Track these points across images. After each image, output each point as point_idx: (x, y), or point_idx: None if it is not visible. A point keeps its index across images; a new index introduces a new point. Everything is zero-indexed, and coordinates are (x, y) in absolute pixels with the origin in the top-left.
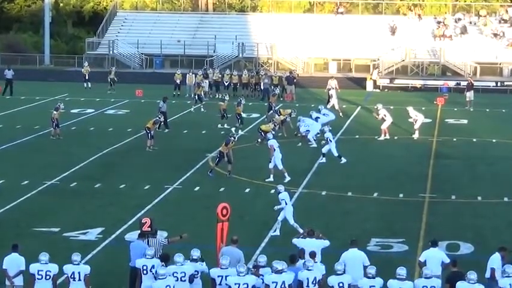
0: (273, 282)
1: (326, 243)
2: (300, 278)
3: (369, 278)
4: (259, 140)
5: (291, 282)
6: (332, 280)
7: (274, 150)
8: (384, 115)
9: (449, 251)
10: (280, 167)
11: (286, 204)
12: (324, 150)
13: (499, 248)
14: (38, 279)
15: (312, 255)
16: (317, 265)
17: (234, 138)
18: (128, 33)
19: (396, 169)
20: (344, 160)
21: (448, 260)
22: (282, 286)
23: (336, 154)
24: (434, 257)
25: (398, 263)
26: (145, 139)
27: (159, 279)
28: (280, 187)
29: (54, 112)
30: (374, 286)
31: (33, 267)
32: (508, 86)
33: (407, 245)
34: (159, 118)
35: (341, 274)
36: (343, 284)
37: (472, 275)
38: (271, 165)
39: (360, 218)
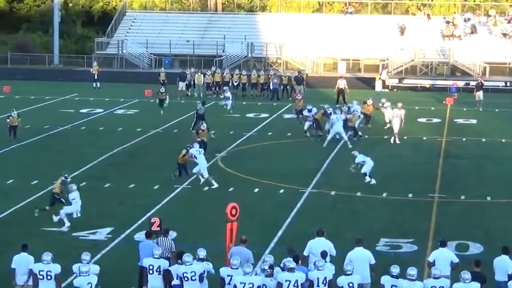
0: (286, 281)
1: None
2: (310, 277)
3: (392, 277)
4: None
5: (303, 281)
6: (342, 280)
7: (196, 158)
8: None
9: (459, 251)
10: (206, 175)
11: None
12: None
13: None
14: (40, 279)
15: (324, 254)
16: (327, 265)
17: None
18: (138, 33)
19: (405, 169)
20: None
21: (456, 260)
22: (295, 285)
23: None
24: (443, 257)
25: (407, 263)
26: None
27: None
28: None
29: (8, 120)
30: (396, 286)
31: (36, 267)
32: None
33: (416, 245)
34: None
35: (351, 274)
36: (353, 284)
37: (466, 274)
38: (195, 170)
39: (369, 218)
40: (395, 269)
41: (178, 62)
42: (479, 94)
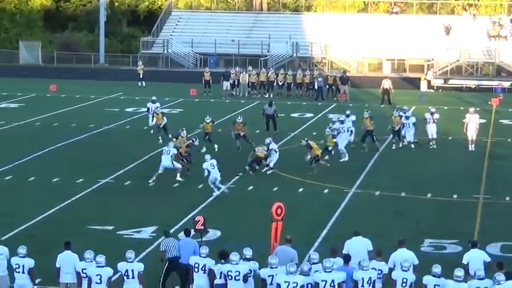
0: (322, 281)
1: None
2: (355, 278)
3: (434, 277)
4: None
5: (340, 280)
6: (397, 274)
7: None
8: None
9: (503, 252)
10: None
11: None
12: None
13: None
14: (83, 277)
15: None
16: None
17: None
18: (183, 32)
19: (449, 170)
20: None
21: (489, 259)
22: (332, 285)
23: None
24: (477, 258)
25: (451, 264)
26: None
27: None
28: None
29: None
30: (439, 285)
31: (79, 266)
32: None
33: (460, 246)
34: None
35: (407, 271)
36: (406, 280)
37: (500, 276)
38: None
39: (413, 219)
40: (437, 269)
41: (223, 61)
42: None
